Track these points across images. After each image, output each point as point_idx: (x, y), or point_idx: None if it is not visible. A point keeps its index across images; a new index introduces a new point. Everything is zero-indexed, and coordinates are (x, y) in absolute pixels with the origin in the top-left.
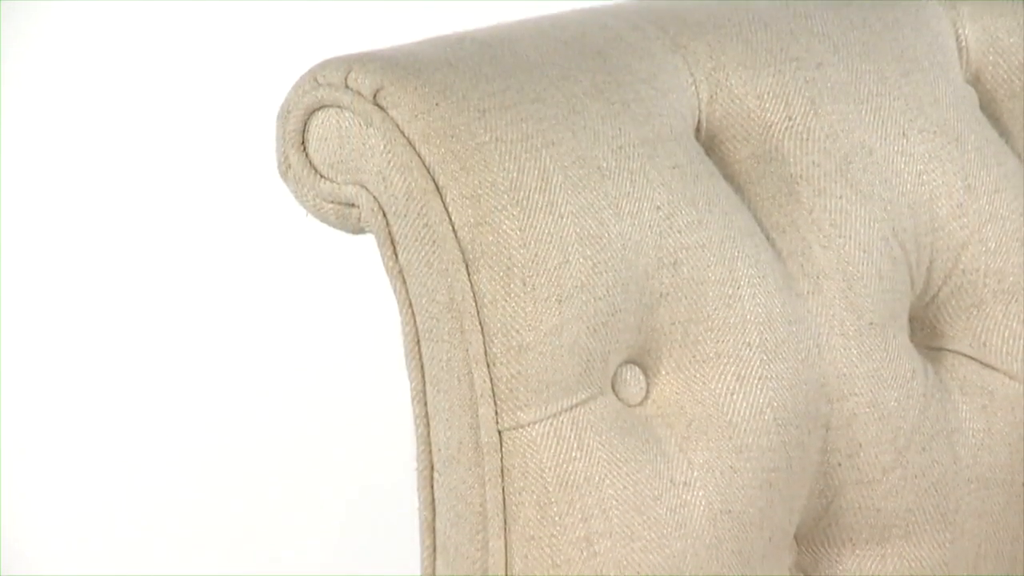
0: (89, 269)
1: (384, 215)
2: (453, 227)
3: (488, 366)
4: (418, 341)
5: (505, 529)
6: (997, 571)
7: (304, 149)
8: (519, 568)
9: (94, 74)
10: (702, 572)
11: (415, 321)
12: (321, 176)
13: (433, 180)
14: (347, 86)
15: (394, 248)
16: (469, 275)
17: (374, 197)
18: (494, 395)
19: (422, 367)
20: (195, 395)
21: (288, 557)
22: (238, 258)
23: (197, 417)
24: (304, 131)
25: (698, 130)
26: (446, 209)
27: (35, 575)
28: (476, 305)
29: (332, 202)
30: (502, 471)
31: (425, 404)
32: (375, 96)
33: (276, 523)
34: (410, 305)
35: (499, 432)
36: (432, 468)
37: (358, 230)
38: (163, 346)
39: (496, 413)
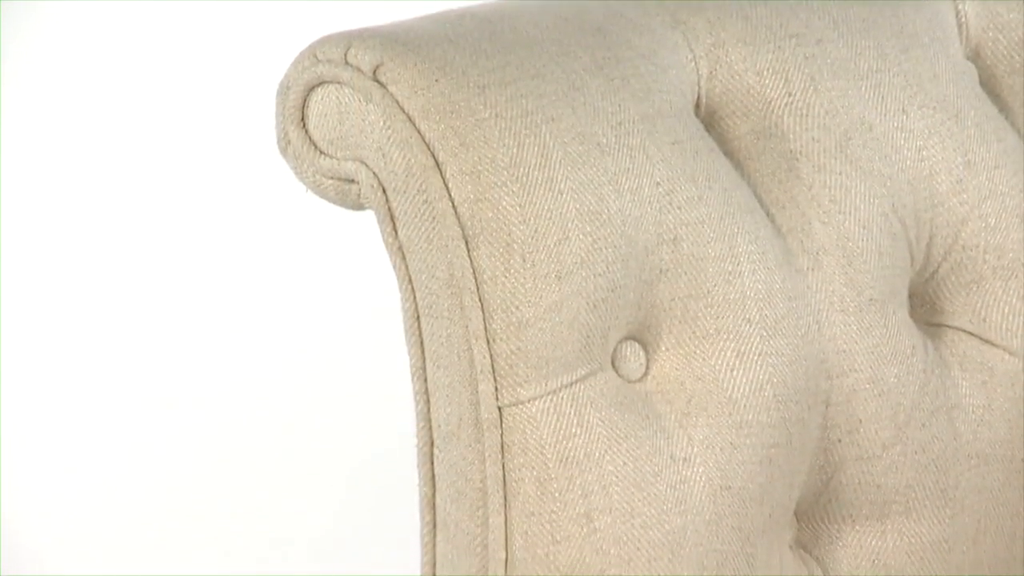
0: (87, 256)
1: (384, 191)
2: (453, 203)
3: (488, 342)
4: (418, 317)
5: (505, 505)
6: (997, 547)
7: (304, 125)
8: (519, 544)
9: (94, 64)
10: (702, 548)
11: (415, 297)
12: (321, 152)
13: (433, 156)
14: (347, 62)
15: (394, 224)
16: (469, 251)
17: (374, 173)
18: (494, 371)
19: (422, 343)
20: (196, 369)
21: (286, 534)
22: (238, 236)
23: (198, 392)
24: (304, 107)
25: (698, 106)
26: (446, 185)
27: (35, 575)
28: (476, 281)
29: (332, 178)
30: (502, 447)
31: (425, 380)
32: (375, 72)
33: (275, 502)
34: (410, 281)
35: (499, 408)
36: (432, 444)
37: (358, 206)
38: (161, 327)
39: (496, 389)
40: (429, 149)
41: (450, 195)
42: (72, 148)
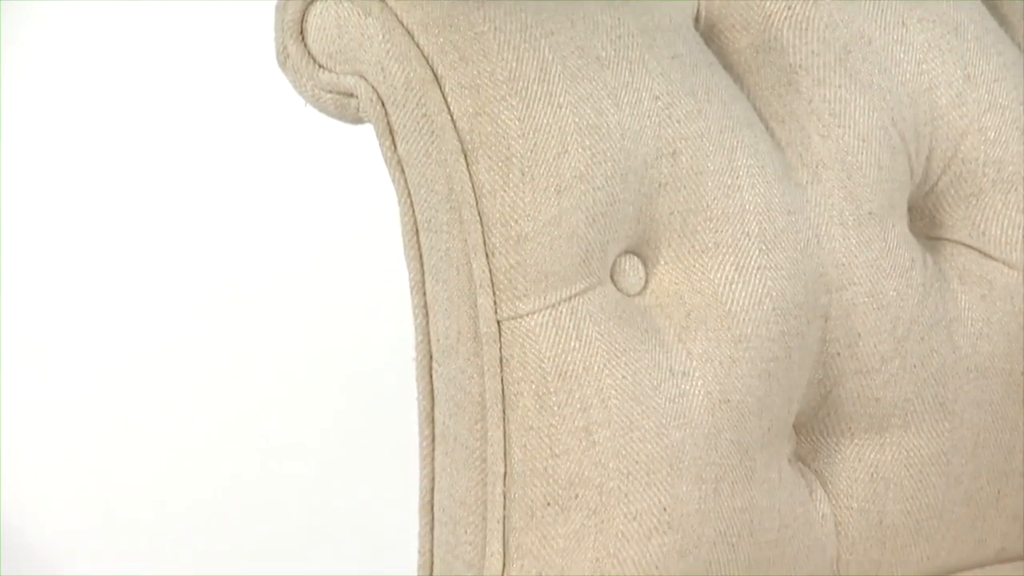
0: (86, 242)
1: (383, 105)
2: (452, 117)
3: (487, 256)
4: (417, 231)
5: (504, 419)
6: (995, 460)
7: (303, 39)
8: (518, 457)
9: (93, 64)
10: (700, 461)
11: (414, 211)
12: (319, 66)
13: (432, 70)
14: None
15: (393, 138)
16: (468, 165)
17: (372, 87)
18: (493, 285)
19: (421, 257)
20: (196, 294)
21: (285, 451)
22: (236, 150)
23: (197, 324)
24: (303, 21)
25: (697, 20)
26: (445, 99)
27: (35, 575)
28: (475, 195)
29: (330, 92)
30: (501, 361)
31: (424, 294)
32: None
33: (273, 419)
34: (409, 195)
35: (498, 322)
36: (431, 358)
37: (356, 120)
38: (160, 255)
39: (495, 303)
40: (428, 63)
41: (449, 109)
42: (68, 114)
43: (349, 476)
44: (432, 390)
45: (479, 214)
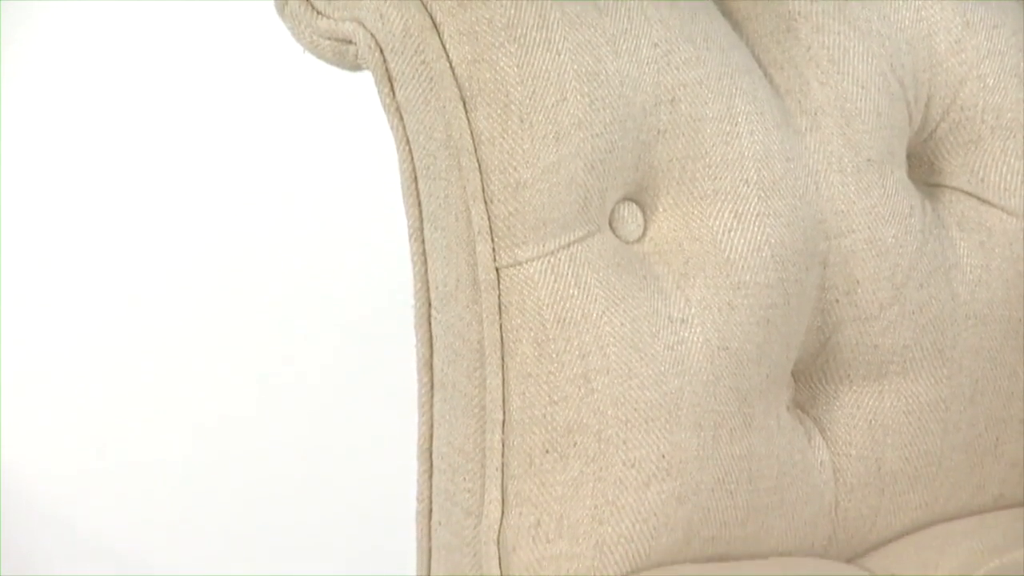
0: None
1: (381, 52)
2: (450, 64)
3: (486, 203)
4: (415, 178)
5: (503, 366)
6: (994, 407)
7: None
8: (516, 405)
9: (93, 64)
10: (699, 409)
11: (412, 158)
12: (318, 13)
13: (430, 16)
14: None
15: (391, 85)
16: (467, 112)
17: (371, 34)
18: (492, 232)
19: (419, 204)
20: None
21: (282, 400)
22: (233, 95)
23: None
24: None
25: None
26: (443, 46)
27: (35, 575)
28: (473, 142)
29: (329, 39)
30: (500, 308)
31: (423, 242)
32: None
33: (271, 364)
34: (407, 142)
35: (496, 269)
36: (429, 305)
37: (355, 67)
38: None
39: (494, 250)
40: (426, 9)
41: (447, 56)
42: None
43: (348, 424)
44: (431, 337)
45: (478, 161)
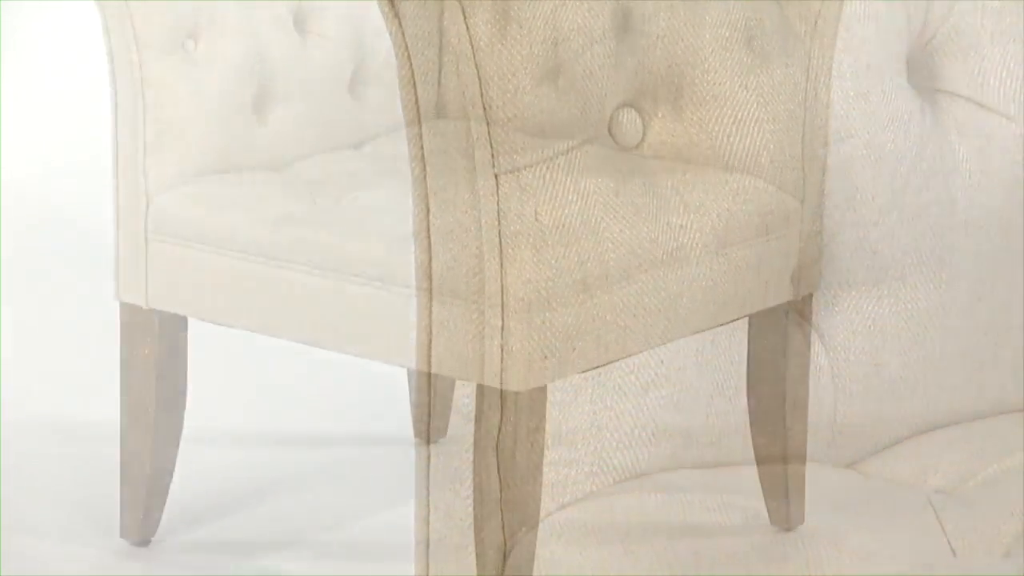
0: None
1: None
2: None
3: (484, 109)
4: (414, 84)
5: (501, 272)
6: (993, 314)
7: None
8: (515, 310)
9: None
10: (699, 314)
11: (411, 64)
12: None
13: None
14: None
15: None
16: (465, 18)
17: None
18: (490, 138)
19: (418, 109)
20: None
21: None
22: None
23: None
24: None
25: None
26: None
27: (35, 575)
28: (472, 49)
29: None
30: (498, 214)
31: (421, 147)
32: None
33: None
34: (406, 48)
35: (495, 175)
36: (428, 212)
37: None
38: None
39: (492, 156)
40: None
41: None
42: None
43: (346, 338)
44: (430, 244)
45: (476, 67)
